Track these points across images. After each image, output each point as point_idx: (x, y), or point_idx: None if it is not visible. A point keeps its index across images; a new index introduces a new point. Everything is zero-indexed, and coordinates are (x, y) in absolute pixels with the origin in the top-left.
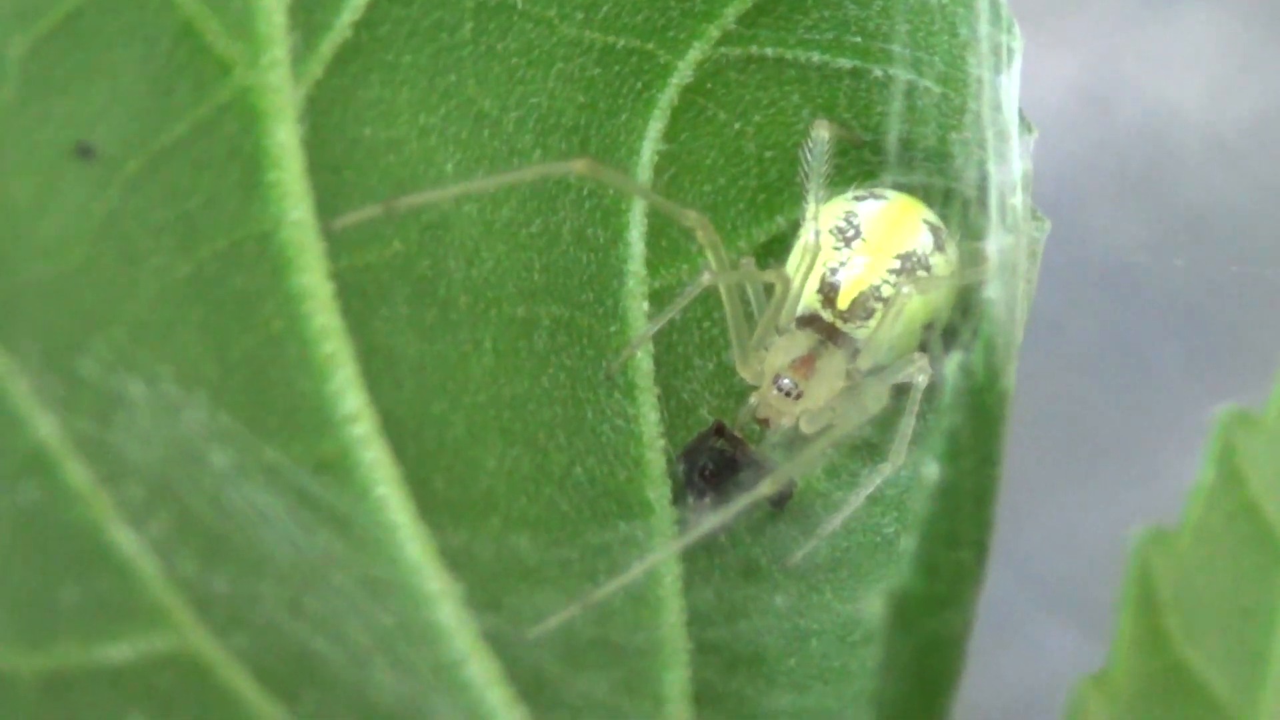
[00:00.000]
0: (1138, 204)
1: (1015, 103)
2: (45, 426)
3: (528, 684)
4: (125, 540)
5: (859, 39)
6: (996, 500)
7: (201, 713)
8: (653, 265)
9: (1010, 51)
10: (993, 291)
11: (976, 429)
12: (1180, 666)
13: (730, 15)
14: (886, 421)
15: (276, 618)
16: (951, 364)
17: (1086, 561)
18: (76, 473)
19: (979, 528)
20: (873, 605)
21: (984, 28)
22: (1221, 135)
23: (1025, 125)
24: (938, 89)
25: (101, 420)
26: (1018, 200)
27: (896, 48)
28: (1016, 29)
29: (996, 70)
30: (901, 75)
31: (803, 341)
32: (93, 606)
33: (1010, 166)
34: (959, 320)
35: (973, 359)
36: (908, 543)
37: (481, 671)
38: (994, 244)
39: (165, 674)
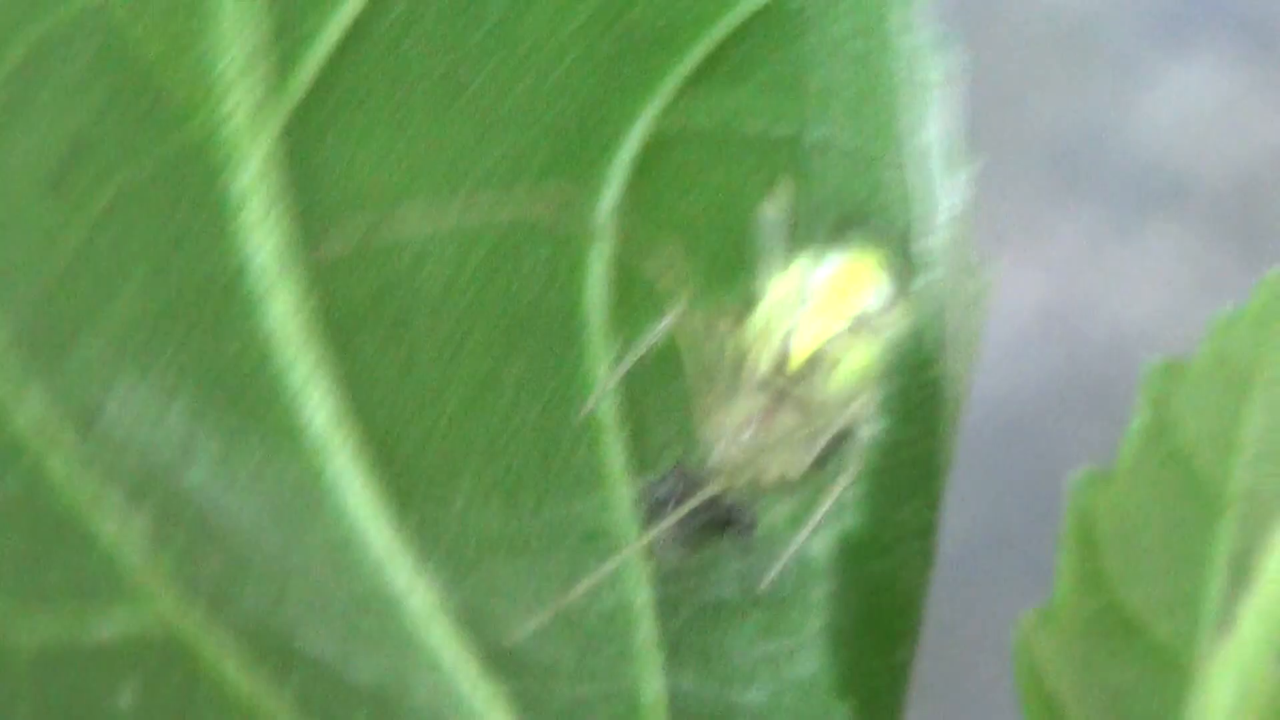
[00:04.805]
0: (1104, 421)
1: (942, 139)
2: (25, 423)
3: (503, 663)
4: (109, 530)
5: (793, 102)
6: (943, 484)
7: (190, 690)
8: (611, 333)
9: (931, 85)
10: (923, 282)
11: (919, 402)
12: (1118, 606)
13: (670, 87)
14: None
15: (260, 610)
16: (880, 341)
17: None
18: (58, 467)
19: (925, 499)
20: (819, 543)
21: (908, 72)
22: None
23: (959, 161)
24: (865, 145)
25: (82, 424)
26: (947, 216)
27: (829, 108)
28: (939, 62)
29: (923, 111)
30: (831, 135)
31: (759, 402)
32: (81, 588)
33: (936, 200)
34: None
35: (903, 340)
36: (856, 491)
37: (456, 659)
38: (923, 242)
39: (153, 653)
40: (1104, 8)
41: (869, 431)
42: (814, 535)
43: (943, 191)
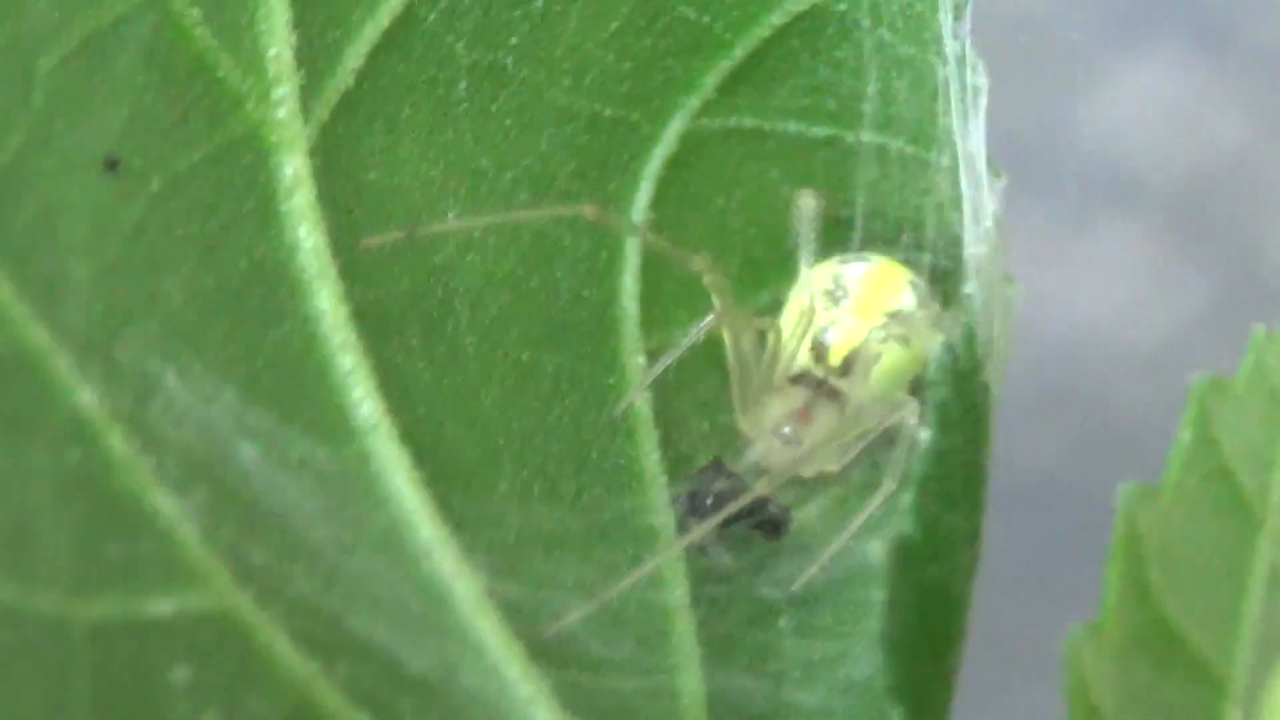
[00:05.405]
0: (1058, 418)
1: (983, 146)
2: (87, 399)
3: (549, 654)
4: (166, 506)
5: (833, 103)
6: (985, 490)
7: (242, 669)
8: (646, 327)
9: (976, 91)
10: (970, 289)
11: (964, 410)
12: (1162, 620)
13: (710, 84)
14: (875, 464)
15: (312, 593)
16: (936, 344)
17: None
18: (117, 443)
19: (971, 505)
20: (874, 549)
21: (951, 71)
22: (1136, 350)
23: (994, 170)
24: (909, 149)
25: (138, 400)
26: (990, 223)
27: (867, 108)
28: (981, 66)
29: (964, 115)
30: (873, 139)
31: (798, 395)
32: (138, 564)
33: (982, 205)
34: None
35: (957, 343)
36: (905, 498)
37: (502, 648)
38: (970, 250)
39: (207, 631)
40: (1057, 8)
41: (921, 439)
42: (868, 541)
43: (988, 197)
